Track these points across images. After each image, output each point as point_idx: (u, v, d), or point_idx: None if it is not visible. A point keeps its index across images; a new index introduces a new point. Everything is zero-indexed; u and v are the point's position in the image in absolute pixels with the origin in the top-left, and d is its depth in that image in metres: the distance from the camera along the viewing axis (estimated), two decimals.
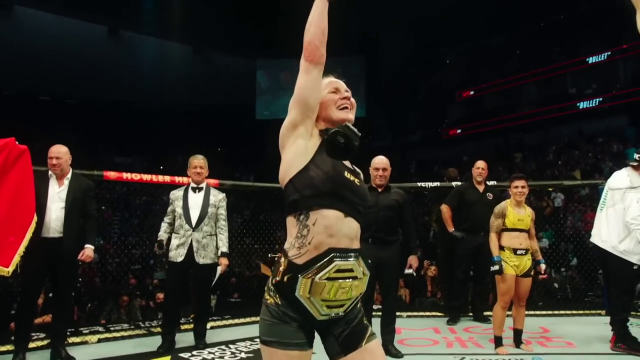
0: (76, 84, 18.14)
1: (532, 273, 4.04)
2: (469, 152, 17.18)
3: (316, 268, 1.46)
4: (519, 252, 3.93)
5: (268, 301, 1.52)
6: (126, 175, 4.30)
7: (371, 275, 3.97)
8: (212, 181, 4.50)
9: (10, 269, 3.24)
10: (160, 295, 5.90)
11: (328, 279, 1.47)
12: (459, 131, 19.90)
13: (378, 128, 22.47)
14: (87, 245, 3.66)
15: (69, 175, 3.73)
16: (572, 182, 7.66)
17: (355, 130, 1.52)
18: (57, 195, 3.62)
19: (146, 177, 4.42)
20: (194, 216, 3.97)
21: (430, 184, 5.73)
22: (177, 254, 3.89)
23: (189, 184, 4.11)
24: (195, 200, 4.02)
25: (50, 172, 3.65)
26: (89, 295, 6.28)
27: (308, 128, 1.58)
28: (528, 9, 16.77)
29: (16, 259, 3.26)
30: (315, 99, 1.59)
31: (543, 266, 4.15)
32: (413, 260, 3.98)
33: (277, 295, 1.50)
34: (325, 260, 1.47)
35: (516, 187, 4.06)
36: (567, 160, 14.78)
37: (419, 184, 5.83)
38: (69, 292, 3.78)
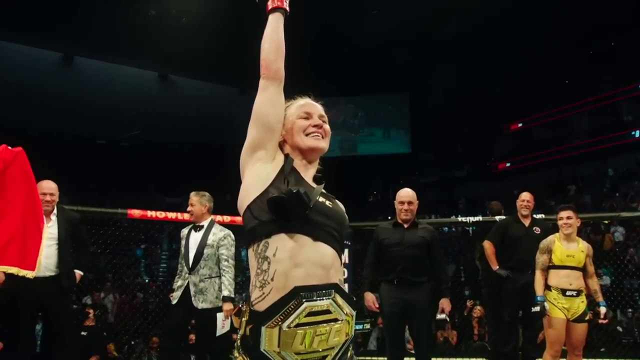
0: (129, 127, 18.97)
1: (587, 318, 3.61)
2: (519, 186, 16.45)
3: (282, 314, 1.21)
4: (568, 293, 3.52)
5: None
6: (150, 214, 4.28)
7: (399, 319, 3.68)
8: (226, 218, 4.35)
9: (36, 272, 3.11)
10: (193, 337, 5.79)
11: (298, 325, 1.21)
12: (508, 165, 19.26)
13: (424, 164, 22.11)
14: (76, 271, 3.58)
15: (55, 211, 3.63)
16: (631, 214, 7.07)
17: (307, 196, 1.28)
18: (45, 231, 3.41)
19: (171, 215, 4.38)
20: (191, 257, 3.73)
21: (472, 219, 5.39)
22: (175, 296, 3.72)
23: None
24: (195, 240, 3.78)
25: None
26: (127, 335, 6.23)
27: (270, 151, 1.41)
28: (575, 37, 16.28)
29: (38, 261, 3.12)
30: (276, 117, 1.43)
31: (603, 309, 3.68)
32: (445, 303, 3.65)
33: (245, 353, 1.26)
34: (291, 302, 1.22)
35: (561, 218, 3.70)
36: (625, 191, 13.91)
37: (460, 218, 5.51)
38: (68, 330, 3.64)
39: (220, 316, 3.67)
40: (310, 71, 17.76)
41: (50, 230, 3.53)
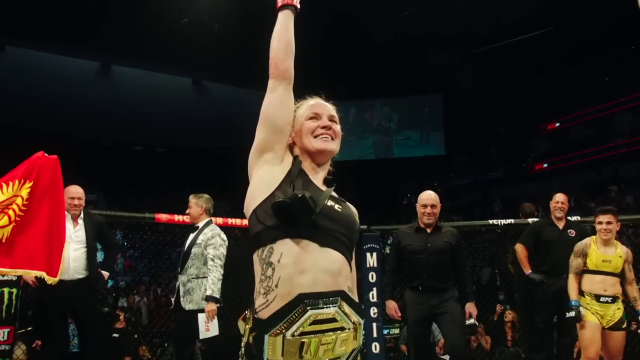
0: (165, 133, 19.40)
1: (624, 326, 3.42)
2: (557, 187, 15.90)
3: (285, 322, 1.16)
4: (603, 299, 3.34)
5: None
6: (177, 218, 4.34)
7: (425, 326, 3.58)
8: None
9: (58, 278, 3.20)
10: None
11: (303, 334, 1.16)
12: (545, 165, 18.70)
13: (459, 166, 21.72)
14: (102, 271, 3.65)
15: (82, 215, 3.70)
16: None
17: (313, 201, 1.23)
18: (73, 234, 3.56)
19: None
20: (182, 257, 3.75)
21: (503, 222, 5.23)
22: (173, 300, 3.76)
23: None
24: (189, 240, 3.79)
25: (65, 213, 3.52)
26: (156, 337, 6.32)
27: (278, 153, 1.37)
28: (616, 32, 15.68)
29: (61, 267, 3.21)
30: (284, 119, 1.38)
31: None
32: (471, 308, 3.52)
33: None
34: (295, 310, 1.17)
35: (600, 222, 3.51)
36: None
37: (490, 221, 5.36)
38: (99, 331, 3.70)
39: (202, 317, 3.52)
40: (347, 72, 17.82)
41: (78, 234, 3.61)
